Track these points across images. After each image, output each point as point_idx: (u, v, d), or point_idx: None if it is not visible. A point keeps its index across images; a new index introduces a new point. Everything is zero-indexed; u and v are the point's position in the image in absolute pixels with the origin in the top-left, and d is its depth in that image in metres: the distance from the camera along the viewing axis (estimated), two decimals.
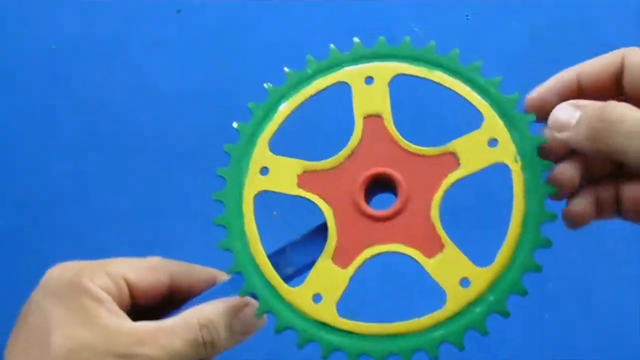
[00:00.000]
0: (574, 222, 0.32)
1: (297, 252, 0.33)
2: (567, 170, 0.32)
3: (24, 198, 0.66)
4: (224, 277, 0.35)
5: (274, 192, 0.33)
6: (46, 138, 0.67)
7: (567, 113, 0.31)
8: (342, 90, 0.34)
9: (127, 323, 0.30)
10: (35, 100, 0.67)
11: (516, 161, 0.32)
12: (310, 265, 0.32)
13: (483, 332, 0.31)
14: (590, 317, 0.62)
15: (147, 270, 0.33)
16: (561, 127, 0.31)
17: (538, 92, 0.32)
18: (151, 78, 0.68)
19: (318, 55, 0.36)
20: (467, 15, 0.67)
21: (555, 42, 0.67)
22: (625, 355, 0.61)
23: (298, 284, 0.32)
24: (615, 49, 0.32)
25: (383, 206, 0.33)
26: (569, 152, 0.32)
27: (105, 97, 0.67)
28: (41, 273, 0.32)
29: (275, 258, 0.32)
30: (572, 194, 0.32)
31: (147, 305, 0.33)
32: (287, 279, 0.32)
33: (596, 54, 0.32)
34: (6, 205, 0.65)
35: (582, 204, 0.32)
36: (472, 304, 0.31)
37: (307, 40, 0.68)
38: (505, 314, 0.31)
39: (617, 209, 0.33)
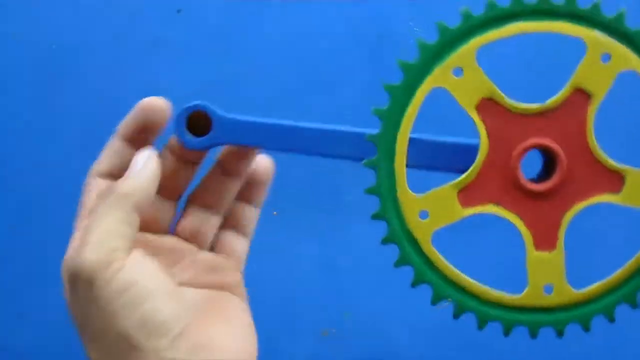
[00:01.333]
0: None
1: (435, 151, 0.33)
2: None
3: (24, 198, 0.66)
4: None
5: (449, 95, 0.32)
6: (46, 138, 0.67)
7: None
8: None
9: None
10: (35, 100, 0.67)
11: None
12: (434, 169, 0.32)
13: (532, 334, 0.32)
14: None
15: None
16: None
17: None
18: (151, 78, 0.68)
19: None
20: None
21: (555, 42, 0.67)
22: (625, 355, 0.61)
23: (417, 192, 0.32)
24: None
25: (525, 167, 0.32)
26: None
27: (105, 97, 0.67)
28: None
29: (414, 143, 0.32)
30: None
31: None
32: (408, 166, 0.32)
33: None
34: (6, 205, 0.65)
35: None
36: (539, 310, 0.31)
37: (307, 40, 0.68)
38: (560, 334, 0.32)
39: None
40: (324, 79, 0.67)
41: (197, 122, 0.33)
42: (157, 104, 0.33)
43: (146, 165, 0.31)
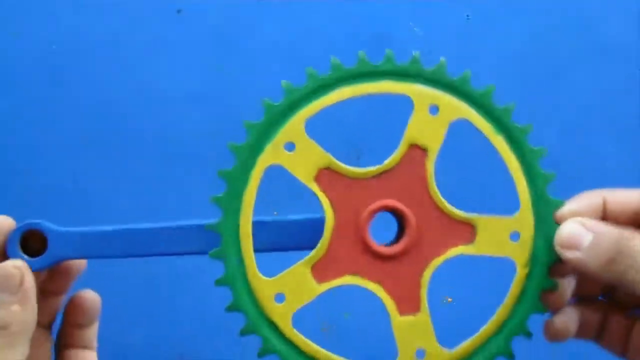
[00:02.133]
0: (553, 336, 0.31)
1: (282, 231, 0.32)
2: (564, 294, 0.31)
3: (24, 198, 0.66)
4: None
5: (287, 172, 0.31)
6: (46, 138, 0.67)
7: (577, 232, 0.29)
8: (401, 102, 0.31)
9: None
10: (35, 100, 0.67)
11: (525, 267, 0.31)
12: (284, 249, 0.31)
13: None
14: None
15: None
16: (570, 246, 0.29)
17: (569, 210, 0.30)
18: (151, 78, 0.68)
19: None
20: (467, 16, 0.67)
21: (556, 42, 0.67)
22: None
23: (269, 276, 0.31)
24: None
25: (384, 232, 0.31)
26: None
27: (105, 97, 0.67)
28: None
29: (258, 226, 0.31)
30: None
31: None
32: (256, 250, 0.31)
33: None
34: (6, 205, 0.65)
35: (565, 322, 0.31)
36: None
37: (307, 40, 0.68)
38: None
39: (599, 334, 0.32)
40: None
41: (33, 241, 0.32)
42: None
43: None
